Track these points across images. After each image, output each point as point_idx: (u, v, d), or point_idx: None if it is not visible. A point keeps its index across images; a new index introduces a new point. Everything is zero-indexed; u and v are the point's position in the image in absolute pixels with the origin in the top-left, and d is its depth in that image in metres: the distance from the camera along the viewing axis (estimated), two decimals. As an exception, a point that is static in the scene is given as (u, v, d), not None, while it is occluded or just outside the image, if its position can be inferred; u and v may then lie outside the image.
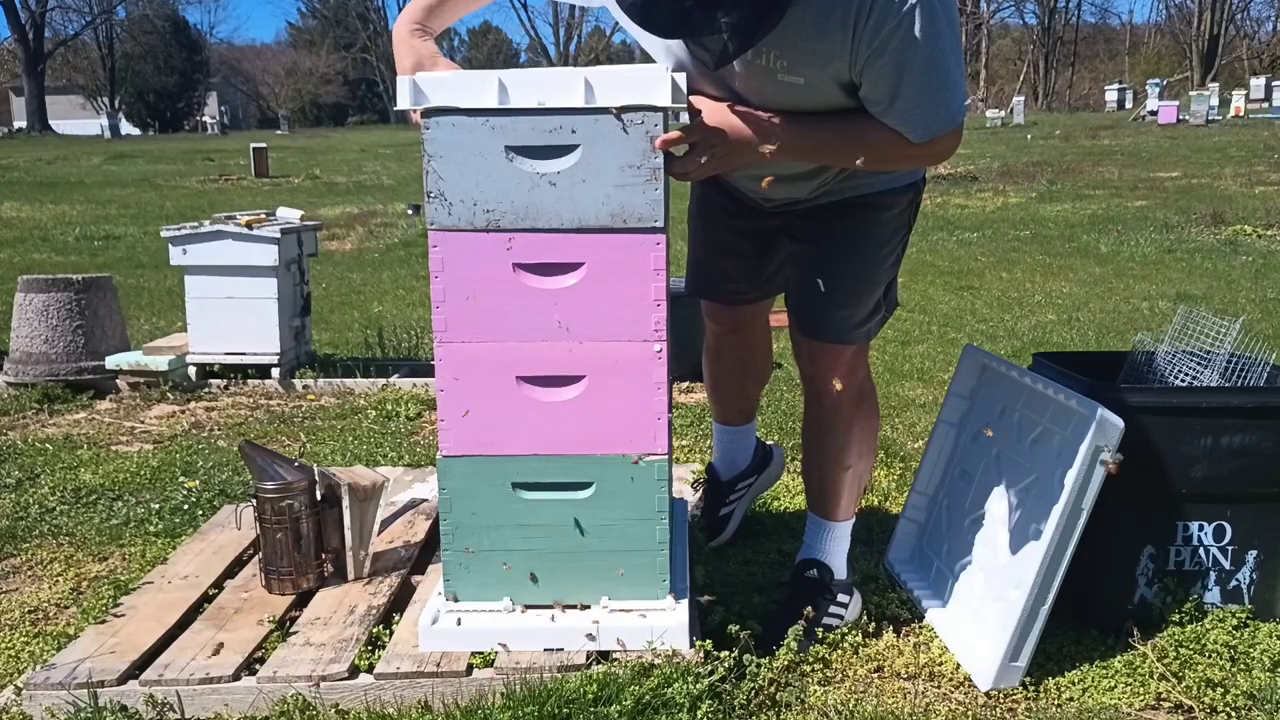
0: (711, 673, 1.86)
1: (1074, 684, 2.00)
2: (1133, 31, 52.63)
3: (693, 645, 1.92)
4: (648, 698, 1.77)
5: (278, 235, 4.41)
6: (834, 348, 2.15)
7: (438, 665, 1.89)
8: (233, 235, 4.42)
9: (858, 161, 1.88)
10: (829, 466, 2.23)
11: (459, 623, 1.94)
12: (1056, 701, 1.95)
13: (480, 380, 1.90)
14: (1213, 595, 2.19)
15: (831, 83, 1.80)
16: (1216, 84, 29.51)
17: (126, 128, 43.49)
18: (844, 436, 2.21)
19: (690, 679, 1.82)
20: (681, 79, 1.82)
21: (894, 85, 1.75)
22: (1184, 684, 1.96)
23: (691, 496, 2.88)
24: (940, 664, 2.08)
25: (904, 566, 2.49)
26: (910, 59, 1.71)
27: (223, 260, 4.44)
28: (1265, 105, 26.20)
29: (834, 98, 1.83)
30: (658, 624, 1.92)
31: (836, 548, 2.26)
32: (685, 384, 4.43)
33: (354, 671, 1.91)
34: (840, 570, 2.25)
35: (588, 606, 1.97)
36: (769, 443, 2.79)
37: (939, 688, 2.02)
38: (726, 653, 1.92)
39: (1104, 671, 2.02)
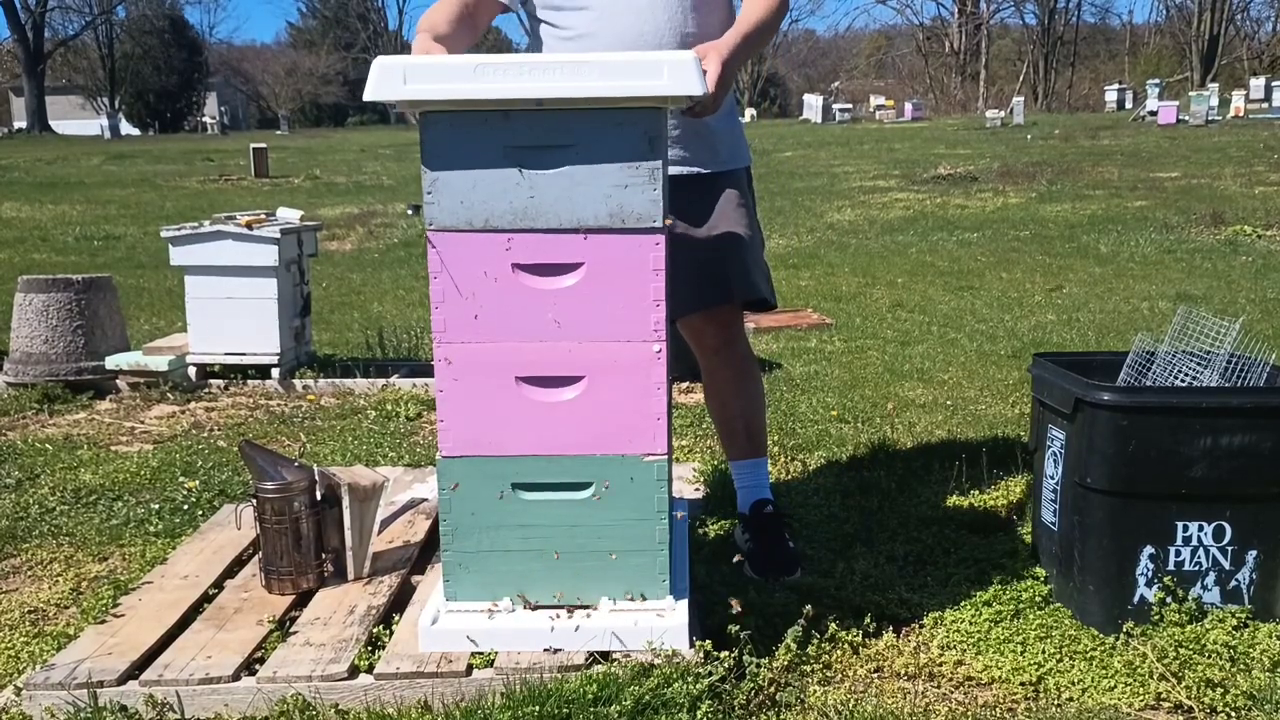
0: (711, 673, 1.86)
1: (1074, 684, 1.99)
2: (1133, 32, 52.56)
3: (693, 645, 1.92)
4: (647, 698, 1.77)
5: (278, 235, 4.41)
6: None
7: (438, 665, 1.89)
8: (233, 235, 4.42)
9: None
10: (752, 411, 2.54)
11: (459, 623, 1.94)
12: (1056, 701, 1.95)
13: (479, 381, 1.90)
14: (1212, 595, 2.19)
15: None
16: (1216, 84, 29.48)
17: (126, 128, 43.44)
18: (755, 383, 2.56)
19: (690, 679, 1.82)
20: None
21: None
22: (1184, 684, 1.96)
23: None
24: (940, 664, 2.07)
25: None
26: None
27: (223, 260, 4.44)
28: (1265, 105, 26.16)
29: None
30: (658, 624, 1.92)
31: (767, 480, 2.58)
32: (685, 384, 4.43)
33: (354, 672, 1.91)
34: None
35: (587, 606, 1.97)
36: None
37: (939, 688, 2.02)
38: (726, 653, 1.92)
39: (1104, 671, 2.01)
